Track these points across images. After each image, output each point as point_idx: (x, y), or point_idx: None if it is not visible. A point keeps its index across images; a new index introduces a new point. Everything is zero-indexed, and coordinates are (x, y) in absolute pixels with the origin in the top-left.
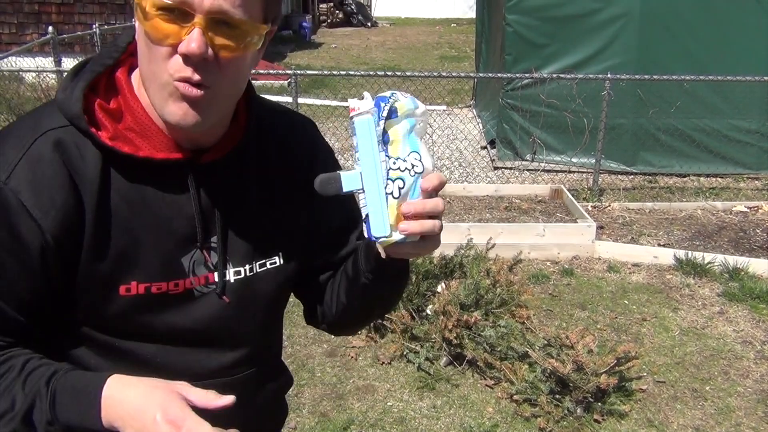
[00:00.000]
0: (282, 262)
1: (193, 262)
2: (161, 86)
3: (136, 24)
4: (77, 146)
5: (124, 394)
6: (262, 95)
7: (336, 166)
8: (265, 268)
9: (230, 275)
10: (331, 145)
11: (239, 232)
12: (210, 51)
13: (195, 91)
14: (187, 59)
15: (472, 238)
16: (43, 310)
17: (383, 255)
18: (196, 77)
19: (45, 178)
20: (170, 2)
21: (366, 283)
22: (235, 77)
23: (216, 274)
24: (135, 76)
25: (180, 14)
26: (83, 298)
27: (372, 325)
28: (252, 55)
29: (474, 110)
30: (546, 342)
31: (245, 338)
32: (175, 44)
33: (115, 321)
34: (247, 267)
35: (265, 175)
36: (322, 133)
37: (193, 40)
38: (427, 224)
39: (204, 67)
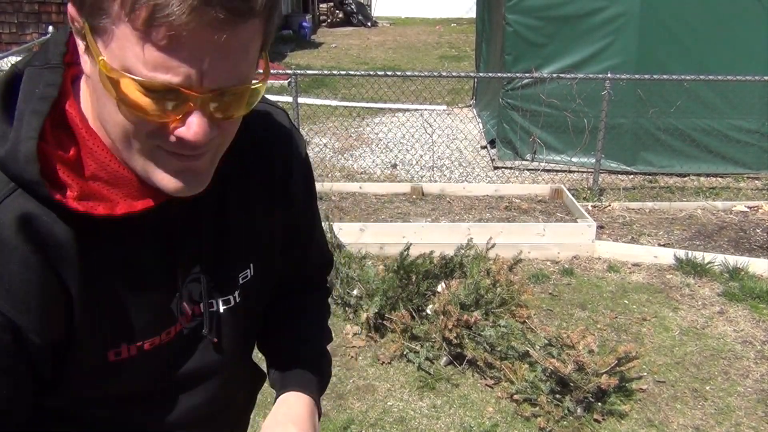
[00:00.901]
0: (252, 273)
1: (177, 302)
2: (145, 154)
3: (96, 75)
4: (44, 216)
5: None
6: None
7: (308, 168)
8: (242, 285)
9: (219, 305)
10: (331, 145)
11: (224, 257)
12: (214, 131)
13: (196, 164)
14: (184, 141)
15: (472, 238)
16: (35, 401)
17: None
18: (196, 152)
19: (13, 268)
20: (162, 87)
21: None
22: (234, 129)
23: (201, 305)
24: (84, 102)
25: (171, 92)
26: (73, 374)
27: (372, 324)
28: None
29: (474, 110)
30: (547, 342)
31: (234, 366)
32: (165, 123)
33: (106, 388)
34: (237, 293)
35: (243, 188)
36: (322, 133)
37: (193, 125)
38: None
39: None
